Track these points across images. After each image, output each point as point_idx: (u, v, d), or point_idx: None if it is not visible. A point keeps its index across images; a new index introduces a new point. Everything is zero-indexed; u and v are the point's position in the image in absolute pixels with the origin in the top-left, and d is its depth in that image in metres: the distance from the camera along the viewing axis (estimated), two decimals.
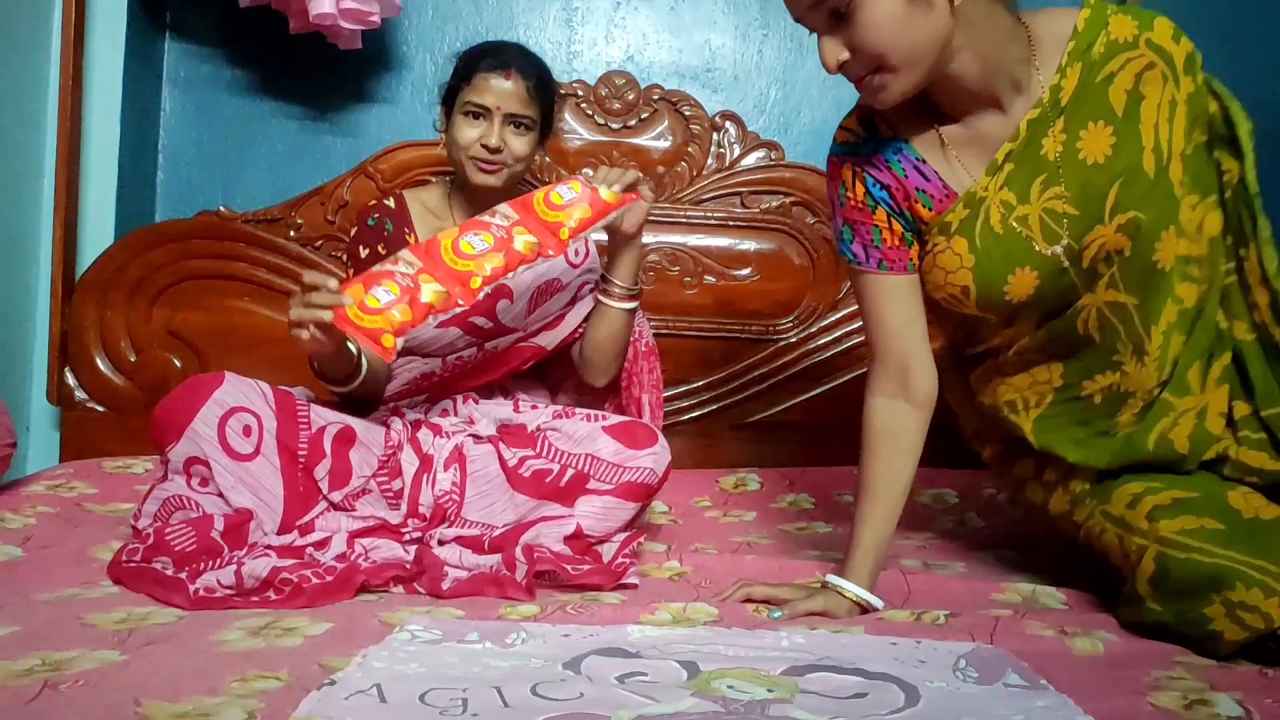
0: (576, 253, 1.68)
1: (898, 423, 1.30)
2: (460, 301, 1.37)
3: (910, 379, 1.30)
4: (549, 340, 1.68)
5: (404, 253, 1.38)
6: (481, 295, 1.39)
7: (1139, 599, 1.19)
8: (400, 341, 1.31)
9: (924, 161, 1.26)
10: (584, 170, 1.49)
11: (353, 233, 1.70)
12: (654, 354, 1.78)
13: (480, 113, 1.63)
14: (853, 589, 1.27)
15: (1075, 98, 1.20)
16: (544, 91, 1.70)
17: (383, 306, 1.31)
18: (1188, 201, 1.23)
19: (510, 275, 1.42)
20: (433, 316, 1.35)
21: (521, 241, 1.43)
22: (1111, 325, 1.25)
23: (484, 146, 1.63)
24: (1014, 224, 1.22)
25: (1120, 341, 1.26)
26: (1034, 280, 1.22)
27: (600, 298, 1.66)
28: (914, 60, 1.14)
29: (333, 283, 1.28)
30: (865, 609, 1.27)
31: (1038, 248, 1.22)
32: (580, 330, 1.70)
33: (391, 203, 1.69)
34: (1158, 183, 1.20)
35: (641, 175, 1.56)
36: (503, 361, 1.67)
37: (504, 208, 1.46)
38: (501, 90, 1.64)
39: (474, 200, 1.69)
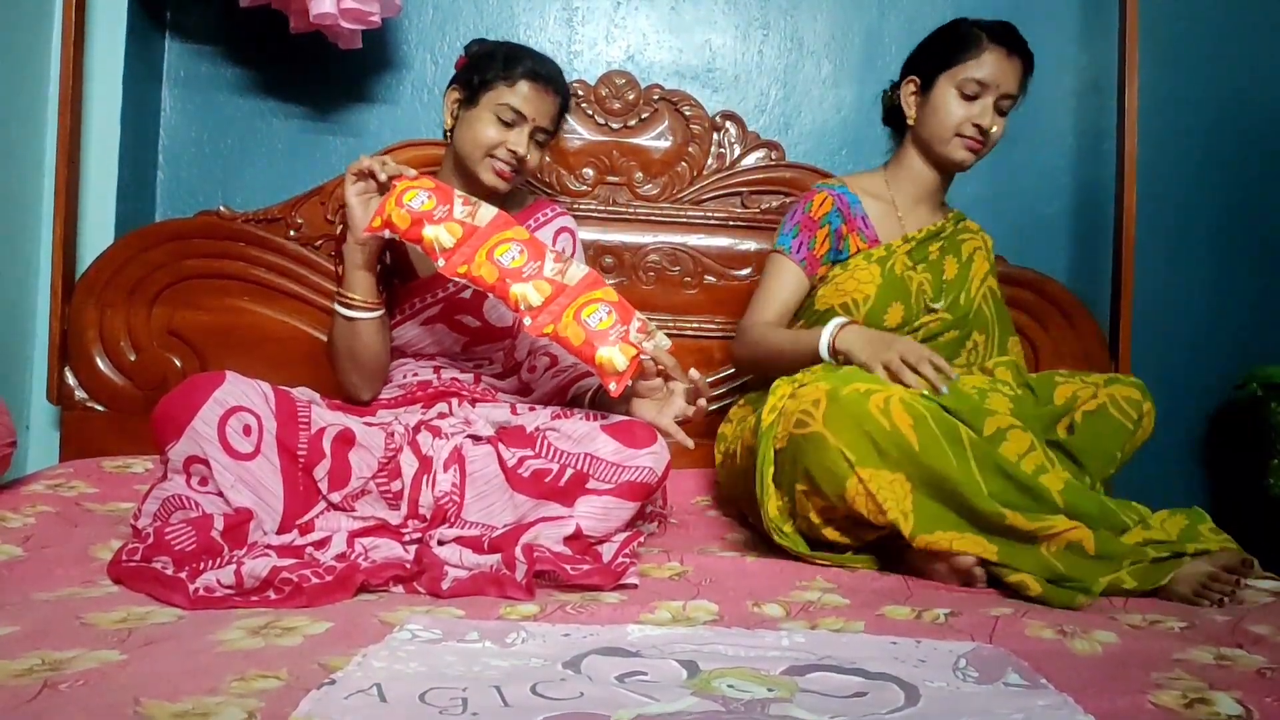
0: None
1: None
2: (441, 262, 1.51)
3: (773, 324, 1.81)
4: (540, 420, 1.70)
5: (486, 208, 1.55)
6: (453, 280, 1.53)
7: None
8: (384, 234, 1.52)
9: (868, 217, 1.84)
10: (652, 328, 1.52)
11: (339, 230, 1.70)
12: None
13: (514, 118, 1.64)
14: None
15: (950, 236, 1.86)
16: (564, 113, 1.75)
17: (405, 204, 1.51)
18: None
19: (461, 288, 1.60)
20: (420, 248, 1.53)
21: (520, 290, 1.50)
22: None
23: (512, 152, 1.64)
24: (905, 278, 1.78)
25: None
26: (900, 314, 1.77)
27: (586, 398, 1.71)
28: (983, 155, 1.83)
29: (410, 171, 1.55)
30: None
31: (912, 297, 1.78)
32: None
33: None
34: (963, 306, 1.83)
35: (691, 393, 1.53)
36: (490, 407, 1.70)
37: (574, 269, 1.52)
38: (541, 103, 1.66)
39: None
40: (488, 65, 1.67)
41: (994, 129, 1.78)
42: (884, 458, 1.41)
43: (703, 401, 1.53)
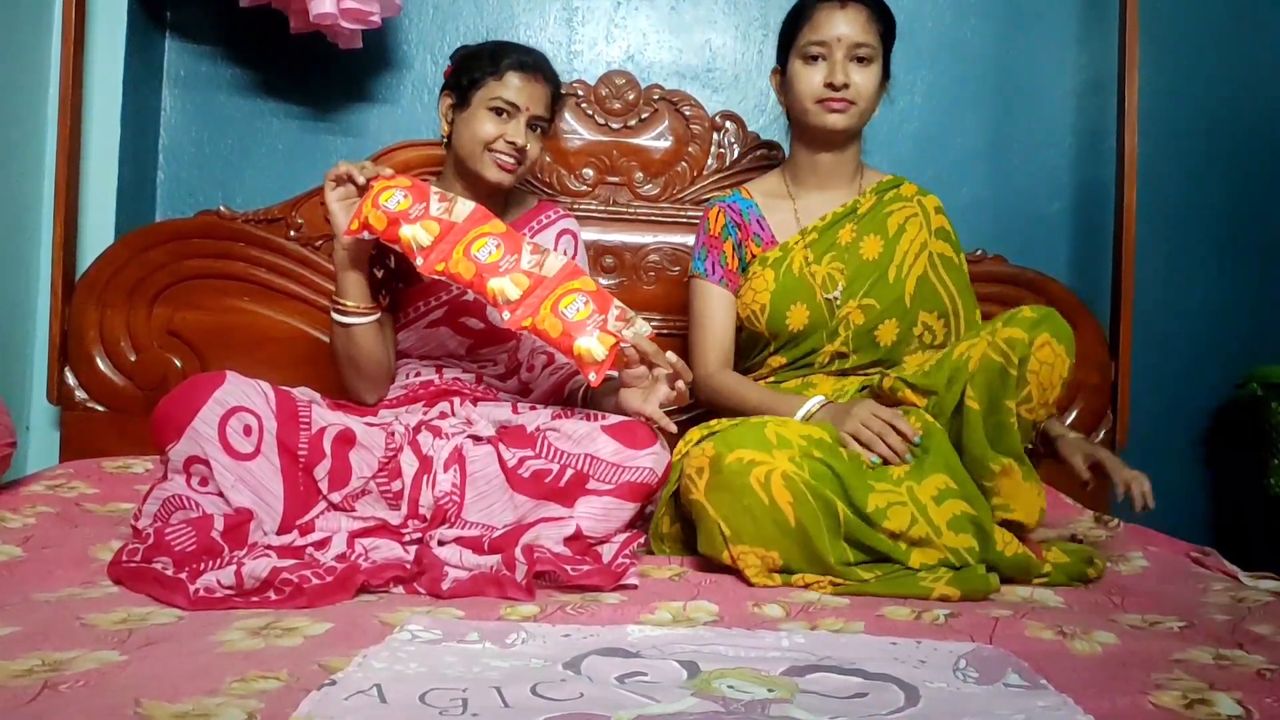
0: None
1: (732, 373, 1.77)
2: (419, 261, 1.52)
3: (725, 364, 1.78)
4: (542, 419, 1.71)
5: (463, 204, 1.55)
6: (431, 276, 1.53)
7: None
8: (364, 235, 1.53)
9: (764, 218, 1.80)
10: (631, 316, 1.51)
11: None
12: None
13: (507, 110, 1.65)
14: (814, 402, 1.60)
15: (869, 212, 1.77)
16: (557, 99, 1.74)
17: (380, 205, 1.52)
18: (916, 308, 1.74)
19: (464, 290, 1.59)
20: (399, 249, 1.54)
21: (498, 285, 1.51)
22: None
23: (510, 144, 1.65)
24: (805, 275, 1.72)
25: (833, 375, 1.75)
26: (806, 315, 1.72)
27: (579, 396, 1.72)
28: (864, 114, 1.74)
29: (387, 170, 1.57)
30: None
31: (816, 294, 1.72)
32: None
33: None
34: (894, 287, 1.73)
35: (678, 389, 1.52)
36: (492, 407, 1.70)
37: (552, 260, 1.53)
38: (533, 91, 1.67)
39: (470, 197, 1.70)
40: (474, 65, 1.68)
41: (857, 79, 1.69)
42: (759, 532, 1.39)
43: (681, 384, 1.52)
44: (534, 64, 1.69)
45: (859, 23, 1.71)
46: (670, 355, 1.51)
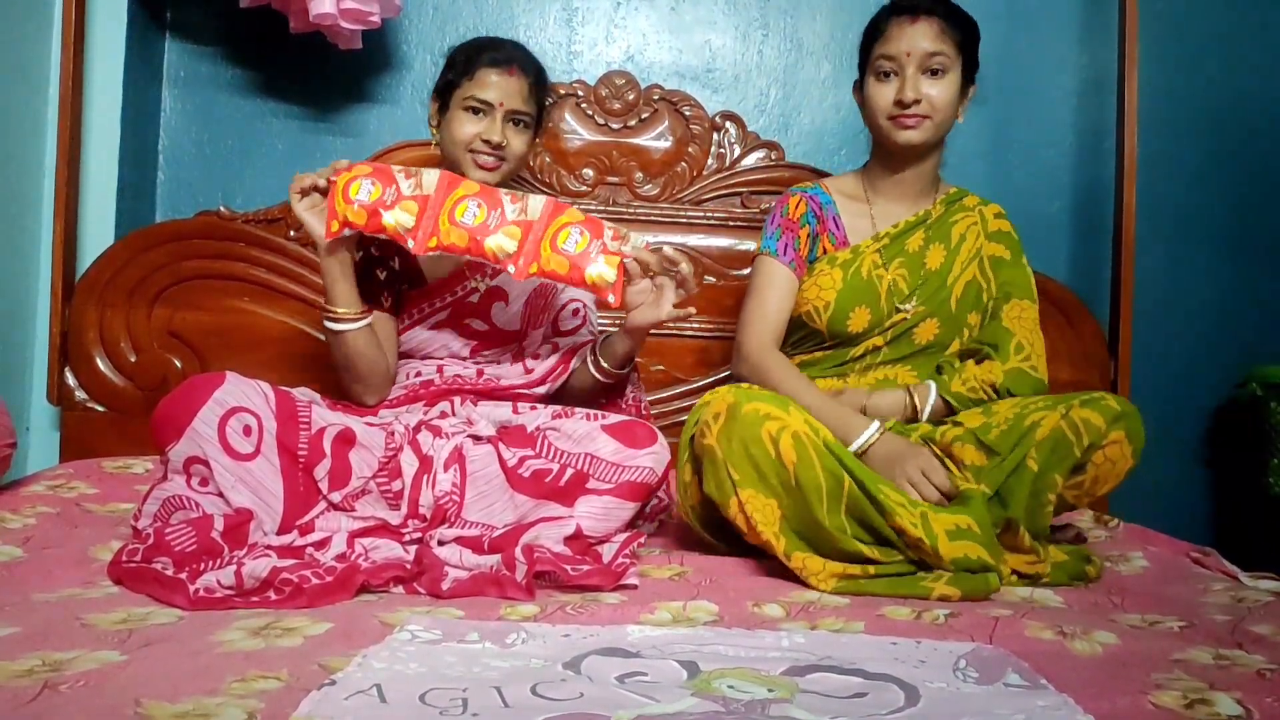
0: (575, 312, 1.77)
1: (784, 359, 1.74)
2: (410, 243, 1.52)
3: (776, 344, 1.75)
4: (548, 389, 1.71)
5: (428, 174, 1.54)
6: (426, 254, 1.53)
7: None
8: (345, 233, 1.52)
9: (840, 217, 1.80)
10: (624, 232, 1.54)
11: None
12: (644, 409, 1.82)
13: (482, 108, 1.64)
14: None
15: (937, 221, 1.79)
16: (542, 89, 1.71)
17: (353, 199, 1.50)
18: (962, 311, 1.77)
19: (460, 257, 1.57)
20: (386, 237, 1.52)
21: (495, 243, 1.51)
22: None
23: (486, 142, 1.63)
24: (873, 279, 1.73)
25: (865, 365, 1.77)
26: (867, 318, 1.72)
27: (588, 357, 1.69)
28: (940, 126, 1.72)
29: (342, 161, 1.54)
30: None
31: (880, 298, 1.73)
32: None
33: None
34: (946, 292, 1.76)
35: (680, 275, 1.54)
36: (498, 395, 1.69)
37: (534, 201, 1.53)
38: (505, 86, 1.65)
39: None
40: (450, 69, 1.68)
41: (931, 92, 1.68)
42: (764, 482, 1.41)
43: (685, 266, 1.54)
44: (507, 58, 1.66)
45: (930, 34, 1.68)
46: (665, 249, 1.55)
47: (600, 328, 1.83)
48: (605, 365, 1.67)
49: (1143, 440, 1.51)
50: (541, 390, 1.70)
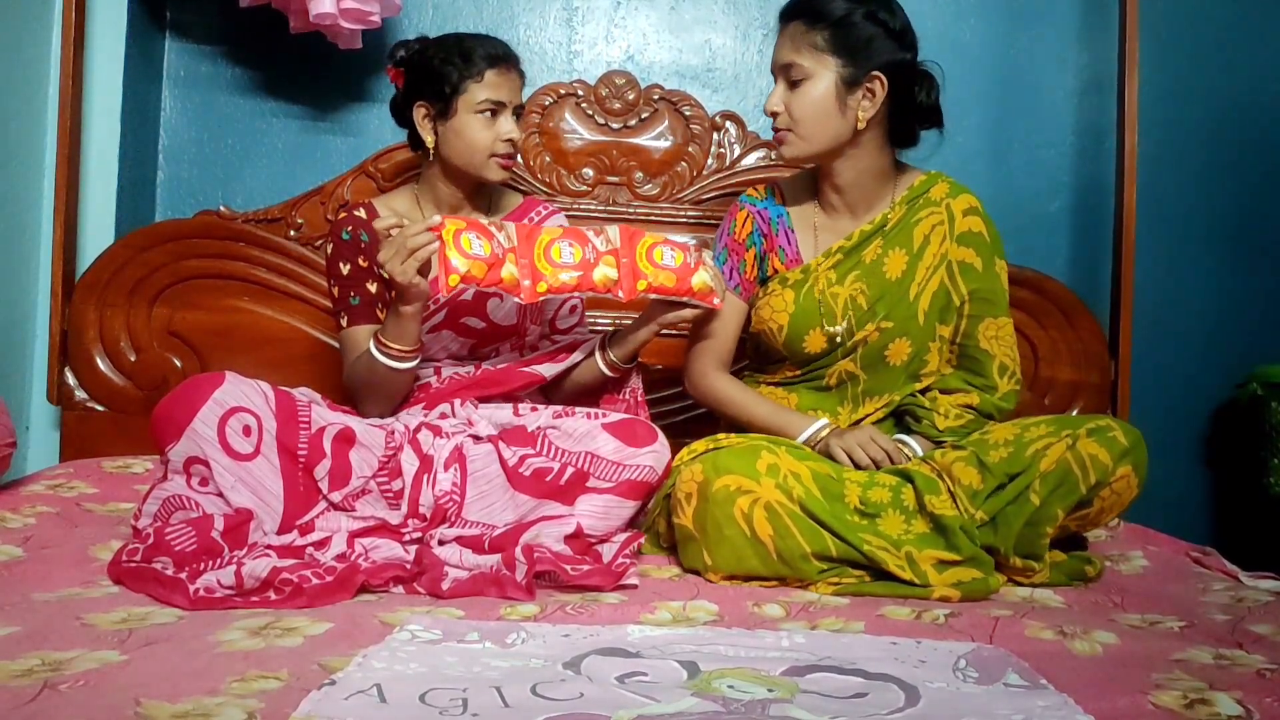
0: (573, 310, 1.78)
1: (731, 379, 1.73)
2: (521, 296, 1.52)
3: (722, 368, 1.73)
4: (549, 371, 1.69)
5: (510, 226, 1.54)
6: (540, 299, 1.53)
7: None
8: (461, 286, 1.47)
9: (792, 231, 1.71)
10: (696, 242, 1.63)
11: (329, 249, 1.69)
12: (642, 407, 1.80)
13: (495, 108, 1.64)
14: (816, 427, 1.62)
15: (897, 225, 1.67)
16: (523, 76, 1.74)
17: (470, 254, 1.47)
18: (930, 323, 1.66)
19: (575, 295, 1.63)
20: (497, 291, 1.52)
21: (601, 274, 1.56)
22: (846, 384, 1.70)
23: (508, 142, 1.65)
24: (827, 297, 1.65)
25: (848, 397, 1.70)
26: (824, 340, 1.65)
27: (597, 351, 1.69)
28: (811, 138, 1.60)
29: (435, 218, 1.49)
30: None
31: (839, 317, 1.64)
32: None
33: (362, 213, 1.70)
34: (911, 305, 1.65)
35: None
36: (498, 382, 1.67)
37: (611, 231, 1.58)
38: (511, 82, 1.68)
39: (449, 201, 1.71)
40: (448, 70, 1.65)
41: (790, 104, 1.59)
42: (742, 564, 1.41)
43: (707, 255, 1.63)
44: (503, 55, 1.68)
45: (787, 43, 1.59)
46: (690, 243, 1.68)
47: (601, 328, 1.83)
48: (614, 359, 1.67)
49: (1147, 465, 1.48)
50: (542, 369, 1.68)
